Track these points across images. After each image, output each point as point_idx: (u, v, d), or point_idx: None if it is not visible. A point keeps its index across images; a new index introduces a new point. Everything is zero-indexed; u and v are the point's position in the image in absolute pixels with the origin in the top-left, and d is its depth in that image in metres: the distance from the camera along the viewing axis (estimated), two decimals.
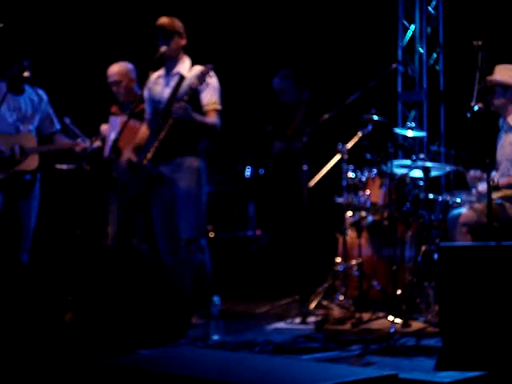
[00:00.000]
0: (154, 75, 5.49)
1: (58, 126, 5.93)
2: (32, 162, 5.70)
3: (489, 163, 4.48)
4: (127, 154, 5.46)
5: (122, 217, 5.87)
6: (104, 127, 6.10)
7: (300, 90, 6.94)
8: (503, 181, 5.14)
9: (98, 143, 5.89)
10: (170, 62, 5.45)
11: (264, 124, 6.98)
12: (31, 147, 5.71)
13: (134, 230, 5.98)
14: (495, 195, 5.02)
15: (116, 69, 6.08)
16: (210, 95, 5.33)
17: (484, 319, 3.91)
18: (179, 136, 5.30)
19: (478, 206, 5.22)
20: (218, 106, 5.37)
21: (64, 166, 6.27)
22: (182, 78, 5.39)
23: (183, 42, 5.43)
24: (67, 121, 5.93)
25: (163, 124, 5.27)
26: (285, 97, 6.97)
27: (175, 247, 5.45)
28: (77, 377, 3.86)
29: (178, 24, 5.42)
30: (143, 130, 5.60)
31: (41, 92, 5.88)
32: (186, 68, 5.42)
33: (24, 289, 4.37)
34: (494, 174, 5.33)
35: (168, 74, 5.47)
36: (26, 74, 5.64)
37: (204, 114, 5.33)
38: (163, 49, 5.32)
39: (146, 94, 5.57)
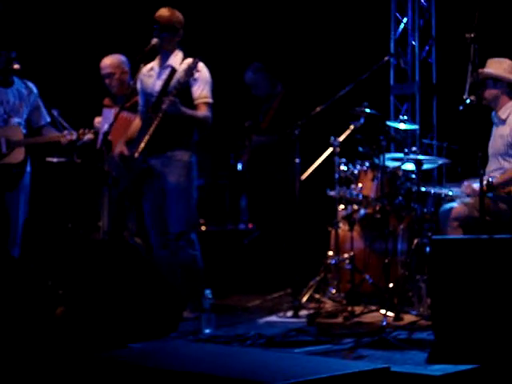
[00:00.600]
0: (147, 67, 5.47)
1: (47, 119, 5.89)
2: (18, 155, 5.66)
3: (481, 157, 4.48)
4: (119, 147, 5.44)
5: (114, 210, 5.85)
6: (97, 120, 6.08)
7: (273, 82, 6.91)
8: (497, 179, 5.13)
9: (89, 136, 5.86)
10: (163, 55, 5.42)
11: (243, 119, 6.95)
12: (17, 140, 5.67)
13: (127, 224, 5.97)
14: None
15: (109, 61, 6.06)
16: (201, 89, 5.31)
17: (476, 312, 3.91)
18: (170, 129, 5.29)
19: (469, 200, 5.22)
20: (209, 100, 5.35)
21: (55, 159, 6.24)
22: (173, 70, 5.37)
23: (178, 37, 5.40)
24: (55, 113, 5.91)
25: (153, 117, 5.25)
26: (257, 90, 6.92)
27: (166, 241, 5.44)
28: (68, 371, 3.85)
29: (177, 17, 5.38)
30: (136, 123, 5.59)
31: (30, 84, 5.84)
32: (178, 61, 5.40)
33: (14, 283, 4.35)
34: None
35: (160, 66, 5.45)
36: (16, 66, 5.60)
37: (195, 107, 5.31)
38: (154, 41, 5.30)
39: (138, 85, 5.55)
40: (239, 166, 6.93)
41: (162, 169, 5.36)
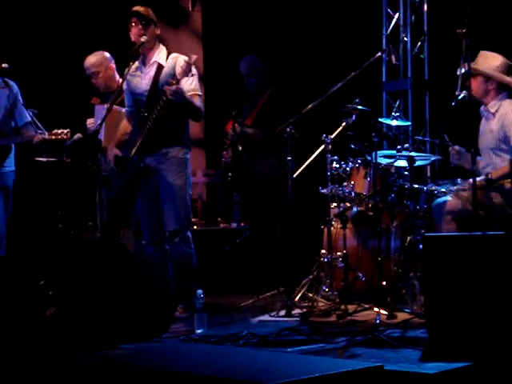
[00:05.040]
0: (132, 67, 5.43)
1: (27, 119, 5.84)
2: None
3: (474, 152, 4.48)
4: (112, 152, 5.42)
5: (107, 209, 5.82)
6: (90, 121, 6.01)
7: (267, 76, 6.89)
8: (496, 173, 5.12)
9: (78, 135, 5.83)
10: (146, 52, 5.39)
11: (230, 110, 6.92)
12: None
13: (128, 223, 5.94)
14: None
15: (92, 60, 5.99)
16: (191, 81, 5.28)
17: (469, 310, 3.89)
18: (164, 127, 5.28)
19: (463, 193, 5.21)
20: (199, 92, 5.35)
21: (44, 159, 6.20)
22: (160, 67, 5.34)
23: (158, 30, 5.39)
24: (30, 113, 5.86)
25: (148, 116, 5.24)
26: (251, 79, 6.87)
27: (159, 239, 5.42)
28: (59, 372, 3.82)
29: (152, 12, 5.38)
30: (124, 124, 5.54)
31: (11, 83, 5.78)
32: (163, 57, 5.38)
33: (4, 283, 4.32)
34: (478, 159, 5.33)
35: (145, 64, 5.41)
36: (4, 65, 5.56)
37: None
38: (144, 38, 5.27)
39: (124, 86, 5.51)
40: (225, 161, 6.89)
41: (157, 166, 5.35)
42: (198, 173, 8.14)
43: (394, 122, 5.91)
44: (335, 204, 5.88)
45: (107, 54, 6.04)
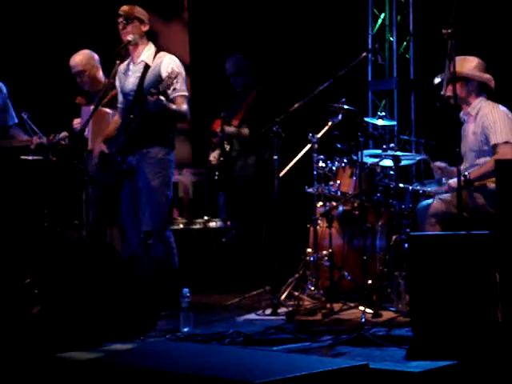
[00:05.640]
0: (124, 64, 5.43)
1: (15, 120, 5.81)
2: None
3: (458, 152, 4.50)
4: (98, 147, 5.41)
5: (95, 208, 5.80)
6: (76, 121, 5.99)
7: (252, 74, 6.90)
8: (474, 173, 5.14)
9: (64, 133, 5.81)
10: (135, 51, 5.39)
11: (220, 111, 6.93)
12: None
13: (114, 221, 5.92)
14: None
15: (78, 59, 5.97)
16: (175, 82, 5.25)
17: (454, 308, 3.92)
18: (147, 127, 5.27)
19: (446, 196, 5.23)
20: (185, 93, 5.34)
21: (30, 157, 6.17)
22: (146, 67, 5.33)
23: (145, 28, 5.38)
24: (25, 116, 5.83)
25: (133, 118, 5.24)
26: (237, 79, 6.88)
27: (140, 238, 5.39)
28: (44, 371, 3.81)
29: (139, 10, 5.37)
30: (115, 120, 5.55)
31: (0, 84, 5.75)
32: (151, 56, 5.37)
33: None
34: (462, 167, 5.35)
35: (134, 63, 5.41)
36: None
37: (172, 100, 5.27)
38: (130, 37, 5.26)
39: (117, 83, 5.52)
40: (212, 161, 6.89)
41: (137, 165, 5.34)
42: (184, 171, 8.13)
43: (380, 122, 5.93)
44: (321, 203, 5.89)
45: (93, 53, 6.02)
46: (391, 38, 7.37)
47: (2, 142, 5.72)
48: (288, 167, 5.91)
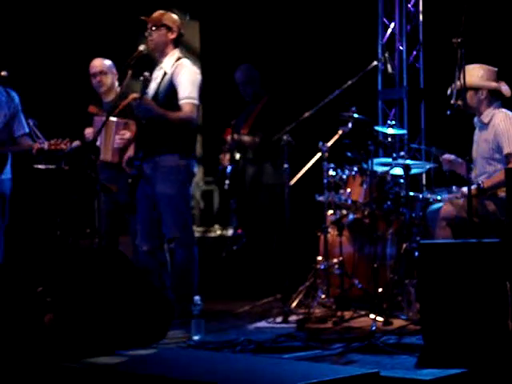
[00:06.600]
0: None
1: (26, 130, 5.81)
2: None
3: (469, 160, 4.51)
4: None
5: (107, 217, 5.83)
6: (88, 130, 6.01)
7: (261, 83, 6.92)
8: (487, 182, 5.15)
9: (76, 142, 5.84)
10: (159, 56, 5.42)
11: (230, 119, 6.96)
12: None
13: (126, 230, 5.95)
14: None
15: (101, 60, 6.01)
16: (185, 89, 5.26)
17: (465, 316, 3.92)
18: (157, 134, 5.27)
19: (457, 201, 5.24)
20: (194, 101, 5.26)
21: (42, 166, 6.21)
22: (164, 74, 5.37)
23: (172, 35, 5.38)
24: (31, 122, 5.85)
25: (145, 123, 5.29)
26: (247, 88, 6.90)
27: (154, 247, 5.40)
28: (57, 378, 3.83)
29: (169, 17, 5.38)
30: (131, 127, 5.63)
31: (13, 93, 5.76)
32: (170, 63, 5.38)
33: (2, 290, 4.33)
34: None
35: (158, 68, 5.44)
36: (3, 73, 5.57)
37: (179, 107, 5.27)
38: (141, 47, 5.28)
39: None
40: (228, 170, 6.92)
41: (151, 174, 5.35)
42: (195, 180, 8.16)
43: (390, 130, 5.95)
44: (331, 211, 5.91)
45: (112, 63, 6.08)
46: (401, 48, 7.39)
47: (3, 147, 5.72)
48: (298, 176, 5.94)
